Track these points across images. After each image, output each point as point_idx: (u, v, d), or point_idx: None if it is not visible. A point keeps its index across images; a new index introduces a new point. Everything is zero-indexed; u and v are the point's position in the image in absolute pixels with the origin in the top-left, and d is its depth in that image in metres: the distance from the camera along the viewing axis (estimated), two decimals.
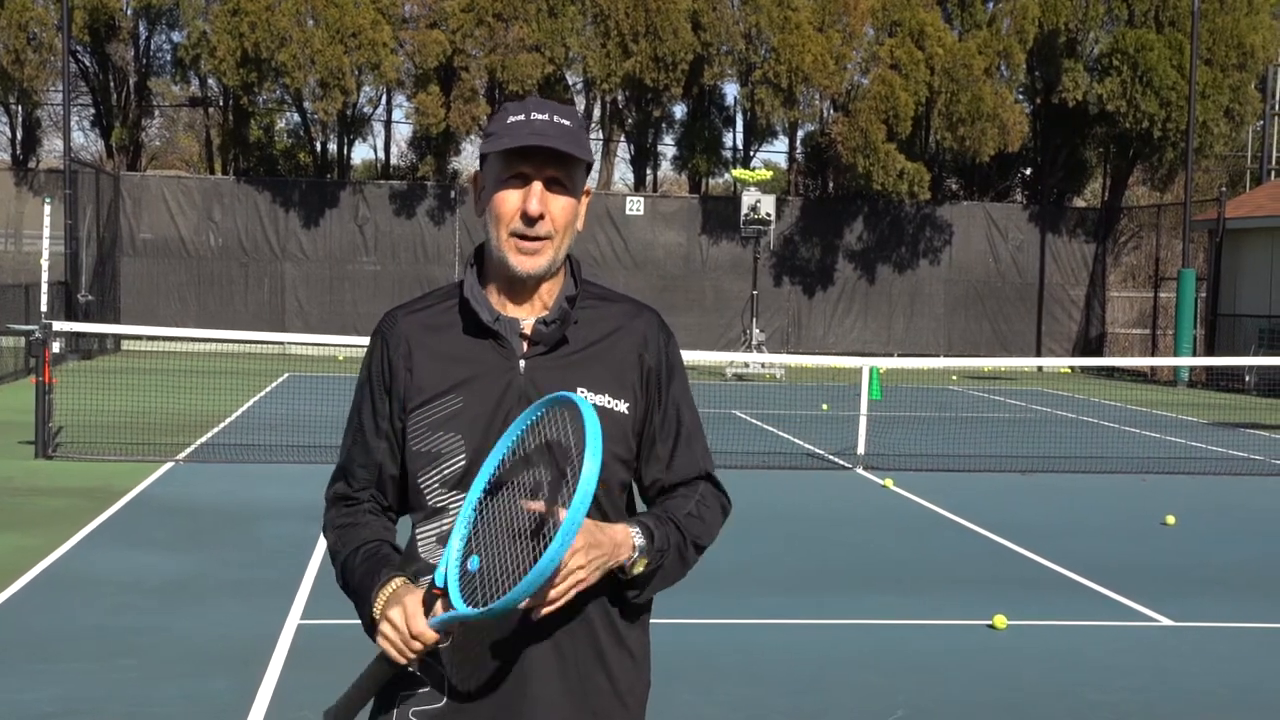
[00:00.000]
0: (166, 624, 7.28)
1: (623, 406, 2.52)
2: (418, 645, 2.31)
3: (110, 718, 5.80)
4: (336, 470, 2.64)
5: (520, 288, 2.51)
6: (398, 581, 2.42)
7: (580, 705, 2.49)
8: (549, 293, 2.53)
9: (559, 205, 2.47)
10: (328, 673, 6.46)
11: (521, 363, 2.49)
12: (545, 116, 2.44)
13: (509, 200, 2.46)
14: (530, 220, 2.44)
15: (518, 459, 2.38)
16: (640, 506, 2.65)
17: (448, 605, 2.30)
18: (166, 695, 6.09)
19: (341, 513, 2.60)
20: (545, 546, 2.20)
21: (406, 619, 2.30)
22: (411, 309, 2.60)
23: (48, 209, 23.83)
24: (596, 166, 31.49)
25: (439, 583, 2.31)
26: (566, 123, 2.45)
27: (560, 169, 2.46)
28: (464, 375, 2.49)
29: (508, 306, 2.52)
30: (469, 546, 2.35)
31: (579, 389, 2.47)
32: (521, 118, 2.45)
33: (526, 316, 2.52)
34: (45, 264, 23.20)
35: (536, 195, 2.44)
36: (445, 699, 2.46)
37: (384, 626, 2.32)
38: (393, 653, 2.33)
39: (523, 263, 2.46)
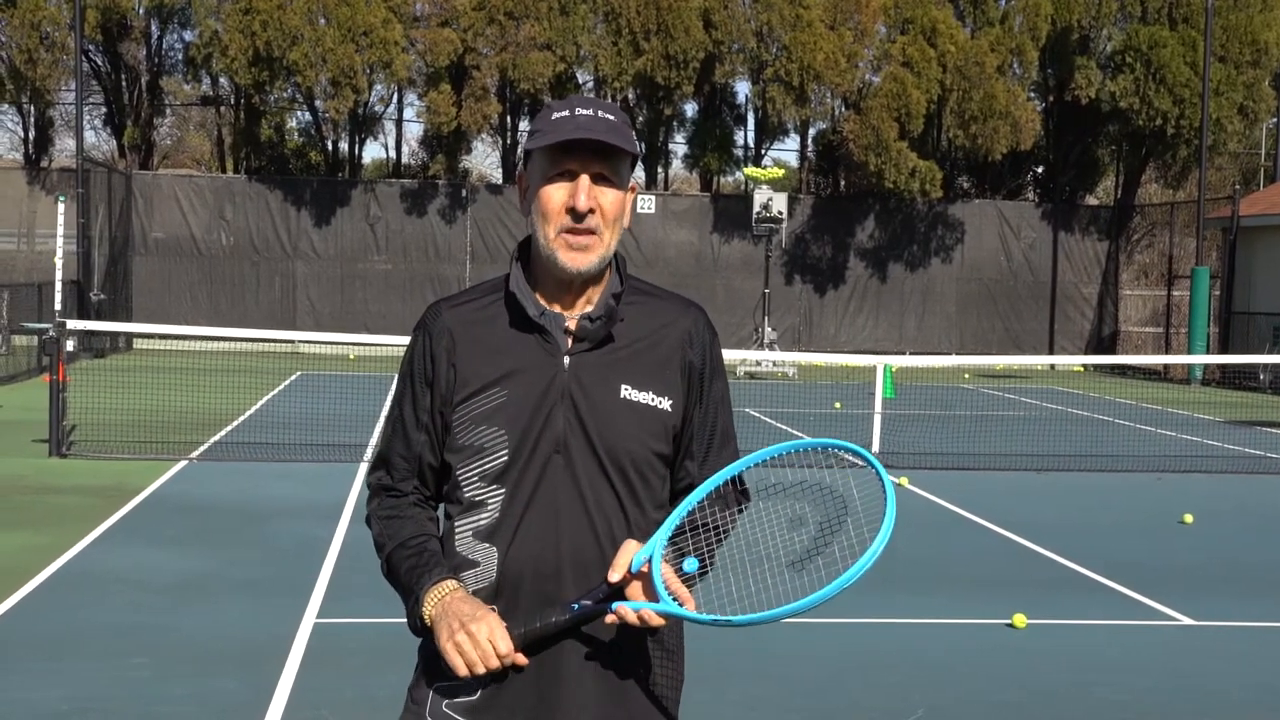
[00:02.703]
0: (179, 623, 7.26)
1: (665, 404, 2.52)
2: (496, 665, 2.34)
3: (122, 717, 5.77)
4: (377, 458, 2.65)
5: (567, 284, 2.50)
6: (450, 584, 2.43)
7: (617, 701, 2.49)
8: (595, 289, 2.53)
9: (608, 199, 2.46)
10: (345, 672, 6.44)
11: (566, 359, 2.48)
12: (589, 112, 2.44)
13: (556, 196, 2.45)
14: (579, 215, 2.43)
15: (777, 488, 2.51)
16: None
17: (650, 594, 2.34)
18: (179, 694, 6.06)
19: (385, 504, 2.60)
20: (807, 578, 2.37)
21: (494, 638, 2.34)
22: (455, 302, 2.59)
23: (61, 208, 23.87)
24: None
25: (635, 567, 2.35)
26: (611, 117, 2.45)
27: (606, 164, 2.45)
28: (508, 369, 2.48)
29: (553, 302, 2.52)
30: (682, 545, 2.42)
31: (622, 386, 2.48)
32: (566, 114, 2.45)
33: (572, 312, 2.51)
34: (59, 263, 23.24)
35: (585, 189, 2.43)
36: (480, 692, 2.46)
37: (461, 639, 2.34)
38: (459, 663, 2.35)
39: (573, 260, 2.45)
